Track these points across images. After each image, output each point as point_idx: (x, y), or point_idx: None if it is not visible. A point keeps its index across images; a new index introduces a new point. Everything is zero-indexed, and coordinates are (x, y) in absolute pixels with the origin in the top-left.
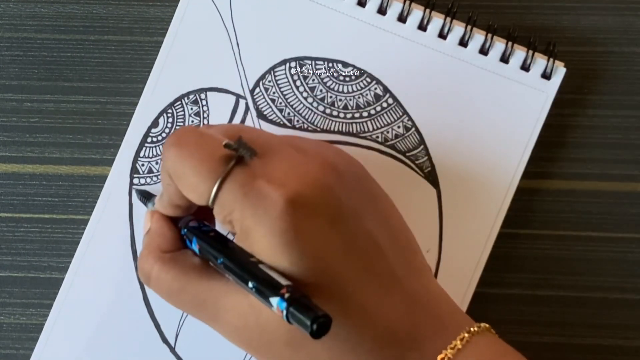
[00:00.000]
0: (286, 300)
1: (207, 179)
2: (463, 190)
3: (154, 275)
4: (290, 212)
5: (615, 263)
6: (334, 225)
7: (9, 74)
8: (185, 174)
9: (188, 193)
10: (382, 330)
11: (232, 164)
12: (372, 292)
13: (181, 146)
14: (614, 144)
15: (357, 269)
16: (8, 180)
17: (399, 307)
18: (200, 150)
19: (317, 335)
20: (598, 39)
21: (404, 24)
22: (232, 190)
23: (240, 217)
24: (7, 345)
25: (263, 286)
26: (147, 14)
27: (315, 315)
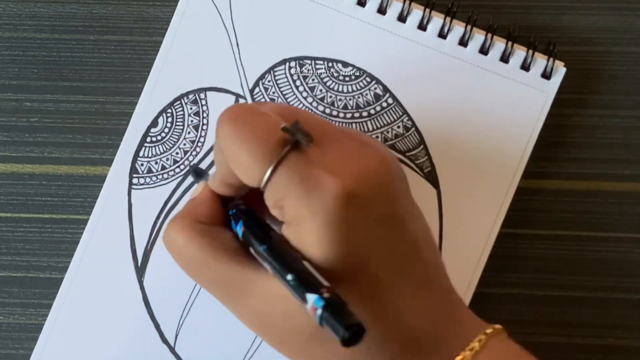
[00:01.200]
0: (324, 300)
1: (262, 161)
2: (463, 190)
3: (179, 241)
4: (344, 205)
5: (615, 263)
6: (384, 225)
7: (8, 74)
8: (238, 153)
9: (240, 173)
10: (409, 333)
11: (289, 148)
12: (406, 296)
13: (236, 124)
14: (614, 144)
15: (396, 272)
16: (8, 180)
17: (427, 312)
18: (256, 130)
19: (348, 344)
20: (598, 39)
21: (404, 23)
22: (287, 175)
23: (293, 204)
24: (7, 345)
25: (303, 281)
26: (147, 14)
27: (350, 323)
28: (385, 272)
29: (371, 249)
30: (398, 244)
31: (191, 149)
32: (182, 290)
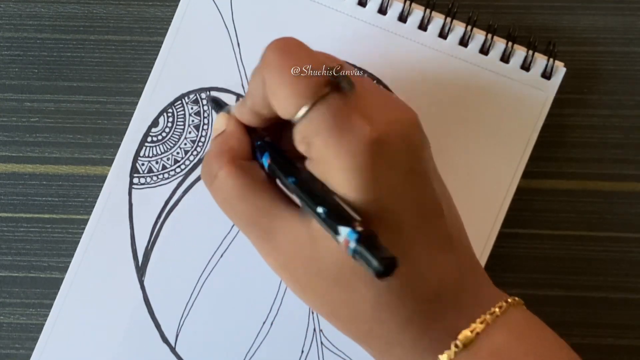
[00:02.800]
0: (358, 233)
1: (302, 95)
2: (463, 191)
3: (220, 177)
4: (374, 150)
5: (615, 263)
6: (410, 177)
7: (9, 74)
8: (281, 82)
9: (277, 103)
10: (429, 287)
11: (330, 88)
12: (429, 249)
13: (285, 54)
14: (614, 144)
15: (420, 224)
16: (8, 180)
17: (448, 267)
18: (303, 65)
19: (382, 275)
20: (598, 39)
21: (404, 23)
22: (323, 114)
23: (323, 142)
24: (7, 345)
25: (335, 213)
26: (147, 14)
27: (384, 255)
28: (408, 223)
29: (395, 199)
30: (422, 198)
31: (192, 149)
32: (182, 290)
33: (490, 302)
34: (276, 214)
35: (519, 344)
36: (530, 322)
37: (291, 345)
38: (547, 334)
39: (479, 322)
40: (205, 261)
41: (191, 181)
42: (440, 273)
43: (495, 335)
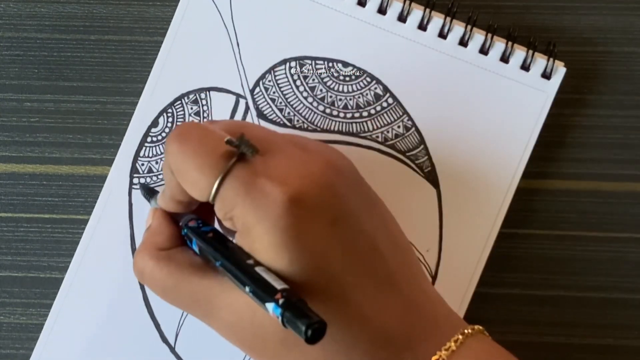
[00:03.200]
0: (281, 306)
1: (209, 175)
2: (463, 190)
3: (147, 272)
4: (291, 210)
5: (615, 263)
6: (335, 226)
7: (9, 74)
8: (186, 169)
9: (189, 188)
10: (377, 332)
11: (234, 160)
12: (370, 294)
13: (183, 141)
14: (614, 144)
15: (355, 270)
16: (8, 180)
17: (395, 309)
18: (202, 145)
19: (312, 340)
20: (598, 39)
21: (404, 23)
22: (234, 187)
23: (242, 214)
24: (7, 345)
25: (259, 290)
26: (147, 14)
27: (310, 322)
28: (344, 272)
29: (326, 251)
30: (354, 244)
31: None
32: None
33: (446, 335)
34: (212, 292)
35: None
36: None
37: None
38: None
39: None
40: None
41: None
42: (385, 316)
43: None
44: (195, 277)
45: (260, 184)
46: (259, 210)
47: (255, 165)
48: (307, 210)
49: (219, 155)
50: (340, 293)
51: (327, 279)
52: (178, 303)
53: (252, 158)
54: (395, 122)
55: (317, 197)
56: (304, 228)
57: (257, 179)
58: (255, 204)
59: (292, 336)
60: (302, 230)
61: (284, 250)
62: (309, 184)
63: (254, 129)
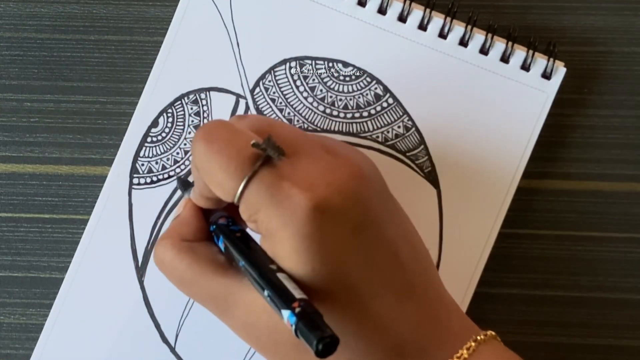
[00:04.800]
0: (296, 315)
1: (234, 177)
2: (463, 190)
3: (167, 261)
4: (315, 217)
5: (615, 263)
6: (358, 234)
7: (9, 74)
8: (212, 169)
9: (215, 189)
10: (393, 342)
11: (259, 164)
12: (388, 304)
13: (210, 141)
14: (614, 144)
15: (375, 279)
16: (8, 180)
17: (412, 318)
18: (229, 147)
19: (322, 355)
20: (598, 39)
21: (404, 23)
22: (258, 190)
23: (265, 218)
24: (7, 345)
25: (277, 296)
26: (147, 14)
27: (322, 336)
28: (364, 281)
29: (348, 259)
30: (375, 253)
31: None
32: None
33: (459, 344)
34: (231, 290)
35: None
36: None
37: None
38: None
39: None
40: None
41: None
42: (402, 326)
43: None
44: (216, 274)
45: (286, 189)
46: (283, 216)
47: (281, 169)
48: (331, 217)
49: (245, 158)
50: (359, 302)
51: (347, 287)
52: (194, 296)
53: (278, 161)
54: (395, 122)
55: (342, 204)
56: (327, 235)
57: (282, 183)
58: (279, 209)
59: None
60: (325, 238)
61: (306, 257)
62: (334, 191)
63: (282, 129)
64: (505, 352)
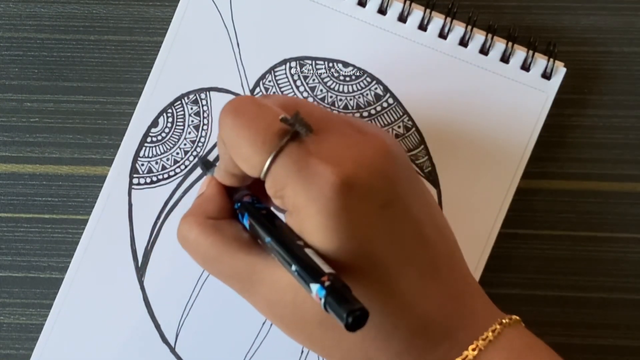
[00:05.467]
0: (326, 289)
1: (261, 152)
2: (463, 190)
3: (191, 239)
4: (342, 193)
5: (615, 263)
6: (384, 211)
7: (9, 74)
8: (239, 144)
9: (241, 163)
10: (417, 320)
11: (287, 139)
12: (413, 282)
13: (237, 115)
14: (614, 144)
15: (401, 257)
16: (8, 180)
17: (436, 297)
18: (257, 121)
19: (352, 328)
20: (598, 39)
21: (404, 23)
22: (286, 165)
23: (292, 193)
24: (7, 345)
25: (305, 271)
26: (147, 14)
27: (352, 309)
28: (390, 259)
29: (374, 236)
30: (401, 230)
31: (192, 149)
32: (182, 290)
33: (483, 325)
34: (255, 268)
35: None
36: (527, 343)
37: (291, 345)
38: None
39: (472, 349)
40: None
41: (191, 181)
42: (426, 304)
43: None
44: (240, 252)
45: (313, 165)
46: (310, 191)
47: (308, 145)
48: (358, 194)
49: (272, 133)
50: (384, 279)
51: (373, 264)
52: (217, 274)
53: (306, 137)
54: (395, 122)
55: (369, 181)
56: (354, 212)
57: (309, 159)
58: (306, 184)
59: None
60: (352, 214)
61: (333, 233)
62: (362, 167)
63: (310, 106)
64: (530, 337)
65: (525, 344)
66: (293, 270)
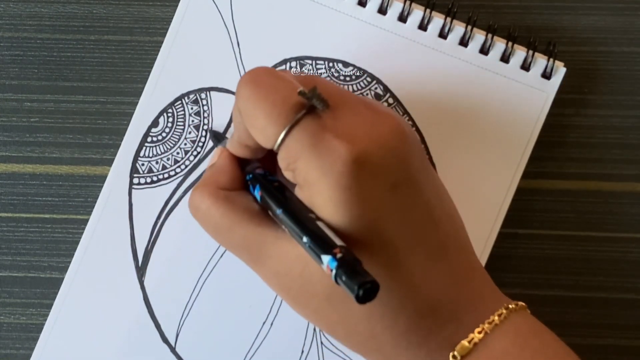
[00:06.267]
0: (337, 261)
1: (277, 123)
2: (463, 190)
3: (203, 209)
4: (355, 169)
5: (615, 263)
6: (396, 190)
7: (9, 74)
8: (255, 114)
9: (256, 134)
10: (424, 300)
11: (304, 112)
12: (421, 262)
13: (256, 86)
14: (614, 144)
15: (410, 236)
16: (8, 180)
17: (443, 279)
18: (274, 93)
19: (362, 300)
20: (598, 39)
21: (404, 23)
22: (300, 138)
23: (305, 167)
24: (7, 345)
25: (317, 243)
26: (147, 14)
27: (363, 281)
28: (399, 237)
29: (384, 214)
30: (411, 210)
31: (192, 149)
32: (182, 290)
33: (490, 309)
34: (266, 240)
35: (519, 351)
36: (532, 328)
37: (291, 345)
38: (550, 340)
39: (477, 331)
40: (205, 261)
41: (191, 181)
42: (434, 285)
43: (495, 345)
44: (251, 223)
45: (327, 140)
46: (323, 166)
47: (324, 120)
48: (371, 171)
49: (289, 105)
50: (393, 257)
51: (382, 241)
52: (228, 245)
53: (322, 112)
54: None
55: (382, 159)
56: (365, 189)
57: (324, 133)
58: (319, 158)
59: (339, 294)
60: (364, 191)
61: (344, 208)
62: (375, 145)
63: (327, 83)
64: (536, 323)
65: (531, 329)
66: (304, 242)
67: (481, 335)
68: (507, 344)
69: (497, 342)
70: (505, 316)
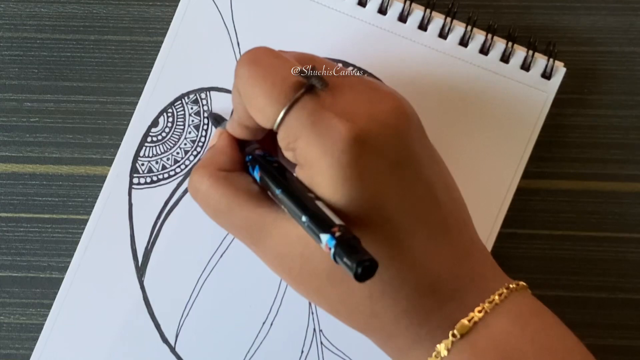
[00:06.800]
0: (336, 239)
1: (276, 103)
2: (463, 190)
3: (203, 190)
4: (355, 147)
5: (615, 263)
6: (396, 169)
7: (9, 74)
8: (254, 94)
9: (255, 114)
10: (425, 279)
11: (302, 91)
12: (422, 240)
13: (254, 66)
14: (614, 144)
15: (411, 215)
16: (8, 180)
17: (444, 258)
18: (273, 72)
19: (361, 278)
20: (598, 39)
21: (404, 23)
22: (300, 117)
23: (304, 145)
24: (7, 345)
25: (316, 222)
26: (147, 14)
27: (362, 258)
28: (400, 215)
29: (384, 192)
30: (412, 188)
31: (192, 149)
32: (182, 290)
33: (491, 288)
34: (266, 220)
35: (520, 332)
36: (532, 308)
37: (291, 346)
38: (551, 320)
39: (477, 311)
40: (205, 261)
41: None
42: (434, 263)
43: (495, 324)
44: (250, 204)
45: (327, 118)
46: (323, 145)
47: (323, 99)
48: (371, 149)
49: (288, 84)
50: (394, 235)
51: (383, 219)
52: (227, 226)
53: (321, 91)
54: None
55: (382, 137)
56: (366, 167)
57: (324, 112)
58: (319, 137)
59: (339, 273)
60: (364, 169)
61: (344, 186)
62: (375, 123)
63: (326, 62)
64: (536, 303)
65: (531, 309)
66: (303, 221)
67: (481, 314)
68: (508, 324)
69: (497, 321)
70: (506, 296)
